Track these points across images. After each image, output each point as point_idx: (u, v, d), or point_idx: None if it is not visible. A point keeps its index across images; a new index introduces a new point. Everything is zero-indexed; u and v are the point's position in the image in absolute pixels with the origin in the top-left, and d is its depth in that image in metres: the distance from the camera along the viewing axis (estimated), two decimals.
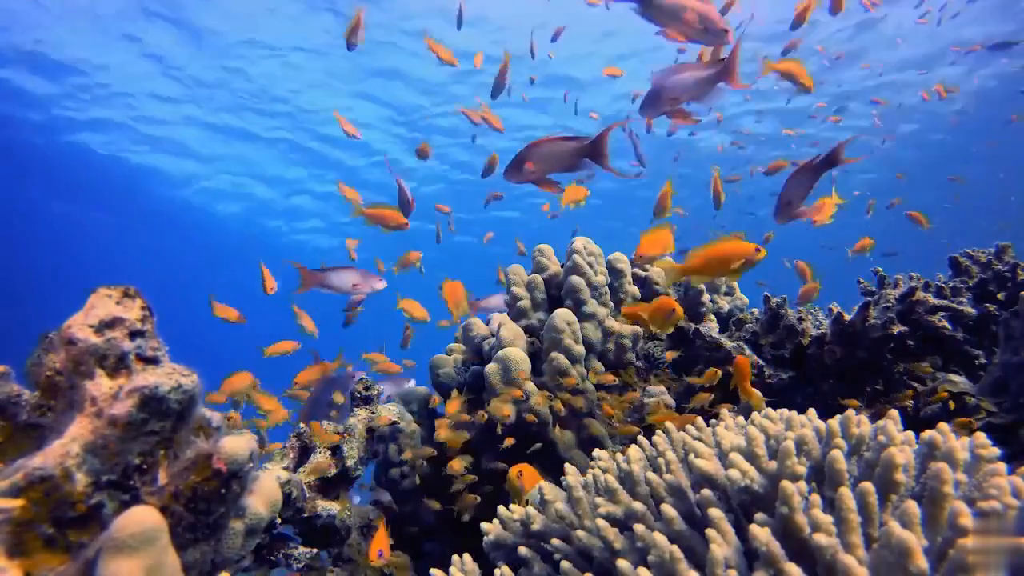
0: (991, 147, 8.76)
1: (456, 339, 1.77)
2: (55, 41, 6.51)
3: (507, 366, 1.38)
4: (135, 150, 9.35)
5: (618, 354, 1.57)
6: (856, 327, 1.33)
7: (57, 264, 15.19)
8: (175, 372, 0.67)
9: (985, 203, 11.55)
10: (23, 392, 0.70)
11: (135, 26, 6.41)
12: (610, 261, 1.67)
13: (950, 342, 1.34)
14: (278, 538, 1.02)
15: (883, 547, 0.49)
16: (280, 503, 0.83)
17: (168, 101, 8.03)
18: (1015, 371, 1.11)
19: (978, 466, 0.58)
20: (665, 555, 0.59)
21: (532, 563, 0.80)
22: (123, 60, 6.97)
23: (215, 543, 0.71)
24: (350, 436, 1.26)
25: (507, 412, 1.32)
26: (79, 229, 13.02)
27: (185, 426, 0.69)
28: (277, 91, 8.01)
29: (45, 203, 11.57)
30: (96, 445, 0.62)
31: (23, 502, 0.57)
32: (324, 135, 9.18)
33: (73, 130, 8.66)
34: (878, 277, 1.56)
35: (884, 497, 0.56)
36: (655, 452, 0.81)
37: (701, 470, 0.68)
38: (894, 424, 0.63)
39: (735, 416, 0.88)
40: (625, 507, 0.72)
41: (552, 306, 1.58)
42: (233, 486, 0.69)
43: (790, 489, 0.56)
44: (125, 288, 0.69)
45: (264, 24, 6.60)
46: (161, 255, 15.09)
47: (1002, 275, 1.44)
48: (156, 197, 11.21)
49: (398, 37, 6.82)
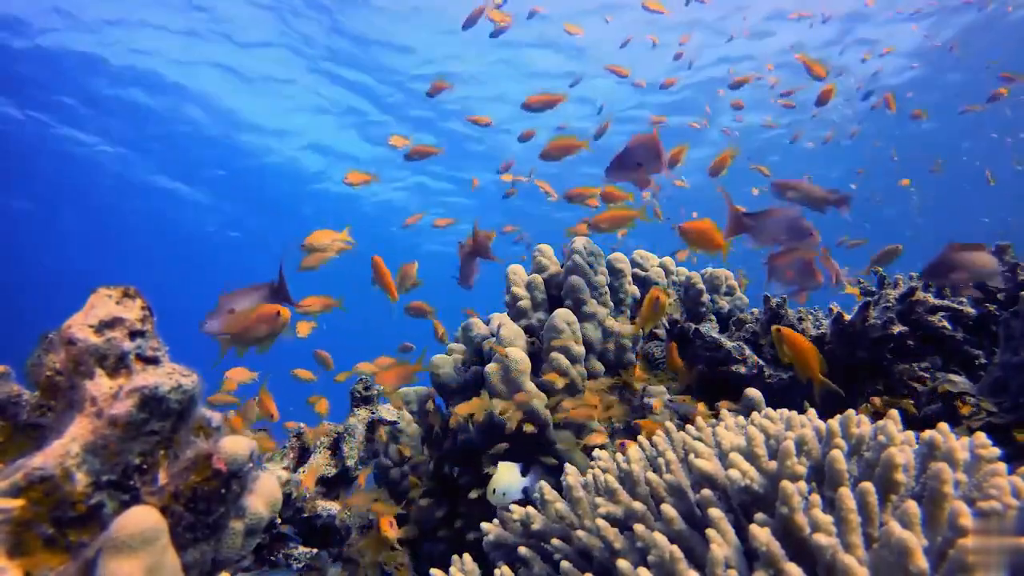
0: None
1: (456, 339, 1.77)
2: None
3: (507, 366, 1.38)
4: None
5: (618, 354, 1.57)
6: (856, 327, 1.33)
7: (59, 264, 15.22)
8: (175, 372, 0.67)
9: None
10: (23, 392, 0.70)
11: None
12: (610, 261, 1.67)
13: (950, 342, 1.34)
14: (278, 538, 1.02)
15: (883, 547, 0.49)
16: (280, 503, 0.83)
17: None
18: (1015, 371, 1.11)
19: (978, 466, 0.58)
20: (665, 555, 0.59)
21: (532, 563, 0.80)
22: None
23: (215, 543, 0.71)
24: (350, 436, 1.26)
25: (508, 412, 1.32)
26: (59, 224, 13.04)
27: (185, 426, 0.69)
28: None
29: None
30: (96, 445, 0.62)
31: (23, 502, 0.57)
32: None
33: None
34: (878, 277, 1.56)
35: (884, 497, 0.56)
36: (655, 452, 0.82)
37: (701, 470, 0.68)
38: (894, 424, 0.63)
39: (735, 416, 0.88)
40: (625, 507, 0.72)
41: (552, 306, 1.58)
42: (233, 486, 0.69)
43: (790, 489, 0.56)
44: (125, 288, 0.69)
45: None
46: (161, 254, 15.12)
47: (1002, 275, 1.44)
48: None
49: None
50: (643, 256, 1.82)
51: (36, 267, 14.55)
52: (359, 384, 1.49)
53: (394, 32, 7.02)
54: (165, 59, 7.32)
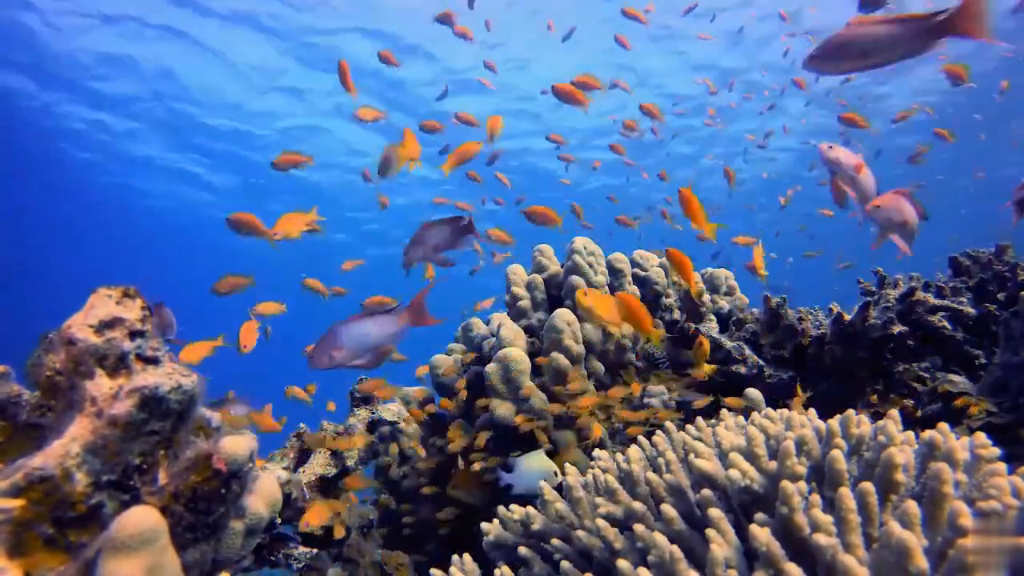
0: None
1: (456, 339, 1.77)
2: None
3: (507, 366, 1.38)
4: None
5: (618, 354, 1.57)
6: (856, 327, 1.33)
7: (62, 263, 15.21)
8: (175, 372, 0.67)
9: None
10: (23, 392, 0.70)
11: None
12: (610, 261, 1.67)
13: (950, 342, 1.34)
14: (278, 538, 1.02)
15: (883, 547, 0.49)
16: (280, 503, 0.83)
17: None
18: (1015, 371, 1.11)
19: (978, 466, 0.58)
20: (665, 555, 0.59)
21: (532, 563, 0.80)
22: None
23: (215, 543, 0.71)
24: (350, 436, 1.26)
25: (508, 412, 1.32)
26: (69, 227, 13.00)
27: (185, 426, 0.69)
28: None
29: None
30: (96, 445, 0.62)
31: (23, 502, 0.57)
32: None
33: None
34: (878, 277, 1.56)
35: (884, 497, 0.56)
36: (655, 452, 0.82)
37: (701, 470, 0.68)
38: (894, 424, 0.63)
39: (735, 416, 0.88)
40: (625, 507, 0.72)
41: (552, 306, 1.58)
42: (233, 486, 0.69)
43: (790, 489, 0.56)
44: (125, 288, 0.69)
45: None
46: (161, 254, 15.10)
47: (1002, 275, 1.44)
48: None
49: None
50: (643, 256, 1.82)
51: (37, 266, 14.57)
52: (359, 384, 1.49)
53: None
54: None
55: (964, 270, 1.52)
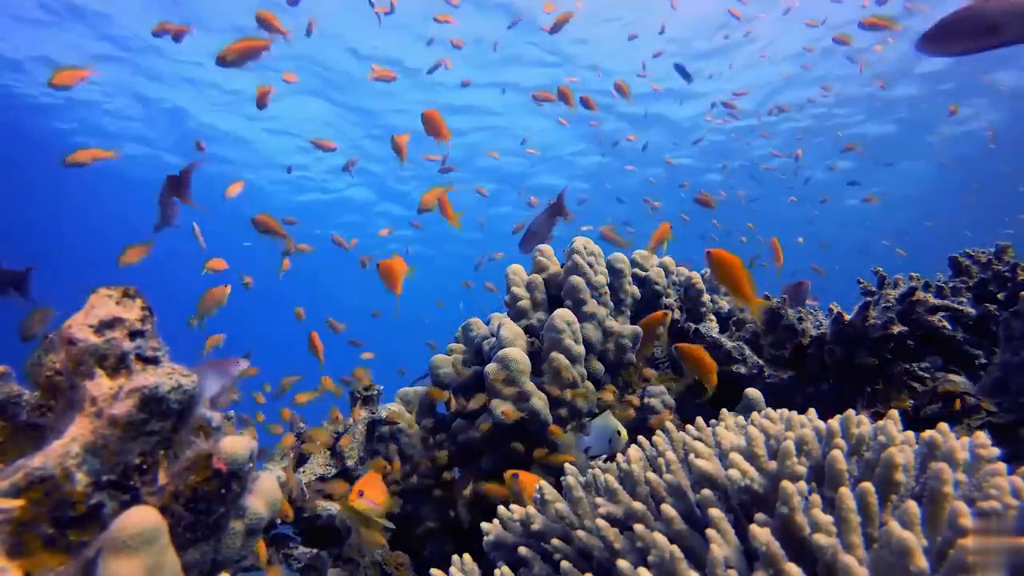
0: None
1: (456, 339, 1.77)
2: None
3: (507, 366, 1.38)
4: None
5: (618, 354, 1.57)
6: (856, 327, 1.33)
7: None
8: (175, 372, 0.67)
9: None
10: (23, 392, 0.70)
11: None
12: (610, 261, 1.67)
13: (950, 342, 1.34)
14: (278, 538, 1.02)
15: (883, 547, 0.49)
16: (280, 503, 0.83)
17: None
18: (1015, 371, 1.11)
19: (978, 466, 0.58)
20: (665, 555, 0.59)
21: (532, 563, 0.80)
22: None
23: (215, 543, 0.71)
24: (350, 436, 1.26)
25: (509, 412, 1.32)
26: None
27: (185, 426, 0.69)
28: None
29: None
30: (96, 445, 0.62)
31: (23, 502, 0.57)
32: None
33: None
34: (878, 277, 1.56)
35: (884, 497, 0.56)
36: (655, 452, 0.81)
37: (701, 470, 0.68)
38: (894, 424, 0.63)
39: (735, 416, 0.88)
40: (625, 507, 0.72)
41: (552, 306, 1.58)
42: (233, 486, 0.69)
43: (790, 489, 0.56)
44: (125, 288, 0.69)
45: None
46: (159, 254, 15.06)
47: (1002, 275, 1.44)
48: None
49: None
50: (643, 256, 1.82)
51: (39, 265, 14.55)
52: (359, 384, 1.49)
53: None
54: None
55: (964, 270, 1.52)
